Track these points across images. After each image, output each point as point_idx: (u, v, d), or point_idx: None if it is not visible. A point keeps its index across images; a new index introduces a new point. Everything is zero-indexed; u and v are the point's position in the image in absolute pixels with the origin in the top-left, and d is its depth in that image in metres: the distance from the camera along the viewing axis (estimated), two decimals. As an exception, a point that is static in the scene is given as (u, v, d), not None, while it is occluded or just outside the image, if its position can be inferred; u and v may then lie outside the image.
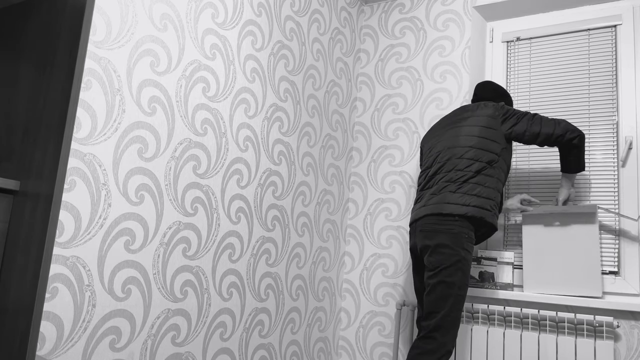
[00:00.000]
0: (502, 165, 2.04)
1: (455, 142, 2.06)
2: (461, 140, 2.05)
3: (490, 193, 1.98)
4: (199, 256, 1.90)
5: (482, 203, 1.94)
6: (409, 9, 2.82)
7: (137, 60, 1.70)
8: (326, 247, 2.59)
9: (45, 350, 1.43)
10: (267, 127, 2.23)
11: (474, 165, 1.99)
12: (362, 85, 2.88)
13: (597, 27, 2.44)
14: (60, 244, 1.47)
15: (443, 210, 1.94)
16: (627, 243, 2.20)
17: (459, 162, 2.01)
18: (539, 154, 2.46)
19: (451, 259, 1.88)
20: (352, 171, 2.81)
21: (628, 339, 2.03)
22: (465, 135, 2.05)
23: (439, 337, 1.84)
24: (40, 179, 1.04)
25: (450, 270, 1.87)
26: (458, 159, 2.01)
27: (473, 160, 2.00)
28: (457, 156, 2.02)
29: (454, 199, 1.95)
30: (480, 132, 2.04)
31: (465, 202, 1.94)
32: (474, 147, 2.01)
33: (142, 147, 1.71)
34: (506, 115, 2.07)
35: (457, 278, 1.86)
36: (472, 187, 1.96)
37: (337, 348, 2.66)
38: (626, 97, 2.31)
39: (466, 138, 2.04)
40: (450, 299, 1.85)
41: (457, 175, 1.99)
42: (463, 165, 2.00)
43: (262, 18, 2.22)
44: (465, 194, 1.95)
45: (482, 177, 1.98)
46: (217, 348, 1.97)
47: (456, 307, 1.86)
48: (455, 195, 1.95)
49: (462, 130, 2.07)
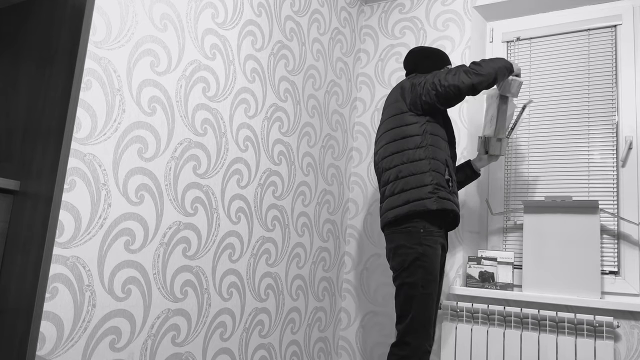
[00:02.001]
0: (430, 140, 1.92)
1: (379, 145, 2.03)
2: (380, 140, 2.02)
3: (422, 178, 1.87)
4: (199, 256, 1.90)
5: (413, 195, 1.86)
6: (409, 9, 2.82)
7: (137, 60, 1.70)
8: (326, 247, 2.59)
9: (45, 350, 1.43)
10: (267, 127, 2.23)
11: (394, 159, 1.93)
12: (362, 85, 2.88)
13: (597, 27, 2.44)
14: (60, 244, 1.47)
15: (387, 218, 1.91)
16: (627, 243, 2.20)
17: (385, 163, 1.97)
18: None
19: (409, 258, 1.83)
20: (352, 171, 2.81)
21: (628, 339, 2.03)
22: (381, 133, 2.02)
23: (412, 340, 1.80)
24: (40, 179, 1.04)
25: (410, 271, 1.83)
26: (383, 159, 1.98)
27: (392, 153, 1.94)
28: (381, 157, 1.99)
29: (391, 202, 1.91)
30: (388, 124, 1.98)
31: (395, 203, 1.89)
32: (389, 142, 1.96)
33: (142, 147, 1.71)
34: (411, 89, 1.96)
35: (418, 277, 1.81)
36: (398, 183, 1.91)
37: (337, 348, 2.66)
38: (626, 97, 2.31)
39: (382, 137, 2.01)
40: (414, 300, 1.81)
41: (386, 176, 1.95)
42: (387, 164, 1.96)
43: (262, 18, 2.22)
44: (394, 194, 1.91)
45: (407, 167, 1.89)
46: (217, 348, 1.97)
47: (423, 307, 1.81)
48: (392, 198, 1.92)
49: (379, 131, 2.05)
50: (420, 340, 1.80)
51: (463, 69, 1.89)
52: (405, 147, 1.92)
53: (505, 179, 2.52)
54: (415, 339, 1.80)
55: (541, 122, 2.48)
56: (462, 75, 1.87)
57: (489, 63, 1.93)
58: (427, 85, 1.91)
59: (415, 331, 1.81)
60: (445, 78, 1.88)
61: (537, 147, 2.47)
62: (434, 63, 2.10)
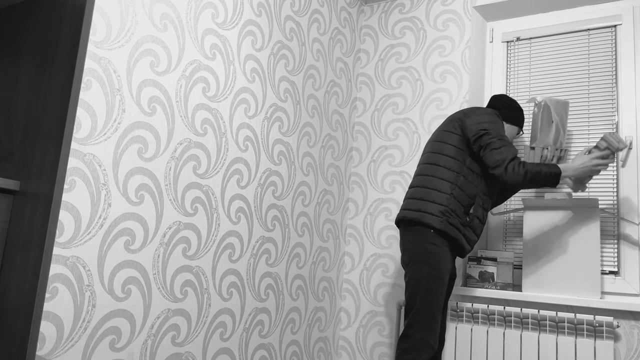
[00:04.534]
0: (465, 172, 1.97)
1: (426, 149, 2.12)
2: (428, 146, 2.10)
3: (441, 197, 1.93)
4: (199, 256, 1.90)
5: (426, 207, 1.93)
6: (409, 9, 2.82)
7: (137, 60, 1.70)
8: (326, 247, 2.59)
9: (45, 350, 1.43)
10: (267, 127, 2.23)
11: (429, 168, 2.01)
12: (362, 85, 2.88)
13: (597, 27, 2.44)
14: (60, 244, 1.47)
15: (400, 216, 2.00)
16: (627, 243, 2.20)
17: (420, 168, 2.07)
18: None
19: (417, 254, 1.90)
20: (352, 171, 2.81)
21: (628, 339, 2.03)
22: (432, 141, 2.09)
23: (415, 333, 1.84)
24: (40, 179, 1.04)
25: (417, 266, 1.89)
26: (421, 164, 2.08)
27: (427, 163, 2.03)
28: (421, 162, 2.09)
29: (408, 204, 2.00)
30: (437, 136, 2.06)
31: (410, 206, 1.97)
32: (432, 152, 2.04)
33: (142, 147, 1.71)
34: (470, 125, 2.00)
35: (424, 273, 1.87)
36: (421, 190, 1.98)
37: (337, 348, 2.66)
38: (626, 97, 2.31)
39: (432, 144, 2.08)
40: (418, 295, 1.87)
41: (416, 180, 2.04)
42: (420, 170, 2.04)
43: (262, 18, 2.22)
44: (414, 198, 1.99)
45: (433, 180, 1.97)
46: (217, 348, 1.97)
47: (427, 302, 1.86)
48: (410, 200, 2.00)
49: (434, 136, 2.12)
50: (424, 334, 1.84)
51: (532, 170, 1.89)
52: (440, 164, 1.99)
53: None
54: (418, 331, 1.84)
55: (541, 122, 2.48)
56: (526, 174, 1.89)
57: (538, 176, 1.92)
58: (490, 155, 1.91)
59: (419, 325, 1.85)
60: (520, 168, 1.89)
61: (537, 147, 2.47)
62: (517, 118, 2.16)
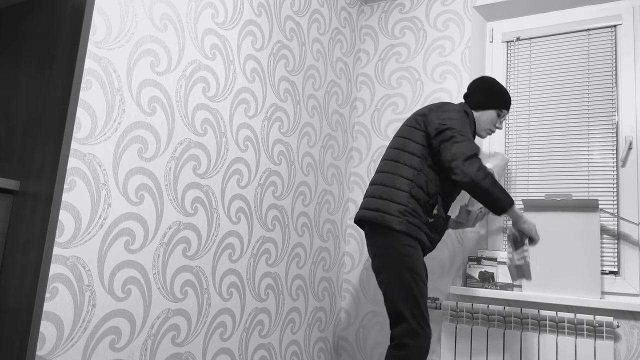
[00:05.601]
0: (426, 170, 1.91)
1: (389, 146, 2.08)
2: (393, 142, 2.06)
3: (398, 195, 1.87)
4: (199, 256, 1.90)
5: (384, 206, 1.88)
6: (409, 9, 2.82)
7: (137, 60, 1.70)
8: (326, 247, 2.59)
9: (45, 350, 1.43)
10: (267, 127, 2.23)
11: (389, 165, 1.96)
12: (362, 85, 2.88)
13: (597, 27, 2.44)
14: (60, 244, 1.47)
15: (359, 215, 1.96)
16: (627, 243, 2.20)
17: (381, 164, 2.02)
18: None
19: (391, 259, 1.85)
20: (352, 171, 2.81)
21: (628, 339, 2.03)
22: (396, 136, 2.05)
23: (410, 341, 1.82)
24: (40, 179, 1.04)
25: (394, 271, 1.86)
26: (383, 160, 2.04)
27: (389, 160, 1.98)
28: (384, 157, 2.05)
29: (368, 202, 1.97)
30: (401, 132, 2.01)
31: (369, 205, 1.93)
32: (394, 148, 1.99)
33: (142, 147, 1.71)
34: (438, 129, 1.91)
35: (404, 278, 1.84)
36: (376, 188, 1.94)
37: (337, 348, 2.66)
38: (626, 97, 2.31)
39: (395, 140, 2.03)
40: (403, 301, 1.84)
41: (377, 177, 2.00)
42: (381, 167, 2.00)
43: (262, 18, 2.22)
44: (374, 196, 1.94)
45: (392, 178, 1.92)
46: (217, 348, 1.97)
47: (416, 306, 1.83)
48: (369, 199, 1.96)
49: (398, 132, 2.08)
50: (419, 340, 1.83)
51: (479, 170, 1.80)
52: (401, 161, 1.93)
53: (505, 178, 2.52)
54: (413, 338, 1.83)
55: (541, 122, 2.48)
56: (478, 172, 1.80)
57: (499, 194, 1.82)
58: (448, 149, 1.83)
59: (413, 332, 1.84)
60: (465, 165, 1.80)
61: (537, 147, 2.47)
62: (487, 98, 2.04)
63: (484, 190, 1.78)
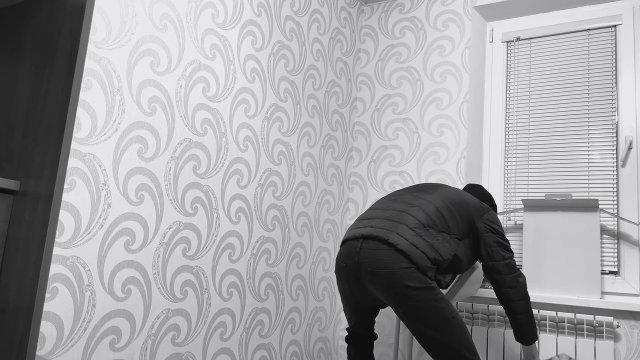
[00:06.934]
0: (462, 254, 1.75)
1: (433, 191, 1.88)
2: (434, 191, 1.87)
3: (426, 261, 1.66)
4: (199, 256, 1.90)
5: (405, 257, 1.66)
6: (409, 9, 2.82)
7: (137, 60, 1.70)
8: (326, 247, 2.59)
9: (45, 350, 1.43)
10: (267, 127, 2.23)
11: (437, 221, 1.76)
12: (362, 85, 2.88)
13: (597, 27, 2.44)
14: (60, 244, 1.47)
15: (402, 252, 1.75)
16: (627, 243, 2.20)
17: (429, 211, 1.81)
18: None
19: (424, 299, 1.67)
20: (352, 171, 2.81)
21: (628, 339, 2.03)
22: (436, 190, 1.87)
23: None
24: (40, 179, 1.04)
25: (427, 310, 1.68)
26: (436, 208, 1.81)
27: (440, 215, 1.78)
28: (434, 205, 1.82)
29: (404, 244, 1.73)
30: (450, 197, 1.82)
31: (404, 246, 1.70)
32: (446, 204, 1.80)
33: (142, 147, 1.71)
34: (488, 221, 1.82)
35: (445, 311, 1.67)
36: (421, 239, 1.70)
37: (337, 348, 2.66)
38: (626, 97, 2.31)
39: (439, 193, 1.85)
40: (446, 340, 1.65)
41: (420, 219, 1.77)
42: (428, 213, 1.77)
43: (262, 18, 2.22)
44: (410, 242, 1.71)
45: (431, 243, 1.70)
46: (217, 348, 1.97)
47: (465, 338, 1.65)
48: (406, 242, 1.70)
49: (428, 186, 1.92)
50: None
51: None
52: (445, 230, 1.73)
53: (505, 178, 2.52)
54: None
55: (541, 122, 2.48)
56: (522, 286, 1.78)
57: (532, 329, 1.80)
58: (500, 261, 1.78)
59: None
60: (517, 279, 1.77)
61: (537, 147, 2.47)
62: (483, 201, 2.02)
63: (529, 312, 1.78)
